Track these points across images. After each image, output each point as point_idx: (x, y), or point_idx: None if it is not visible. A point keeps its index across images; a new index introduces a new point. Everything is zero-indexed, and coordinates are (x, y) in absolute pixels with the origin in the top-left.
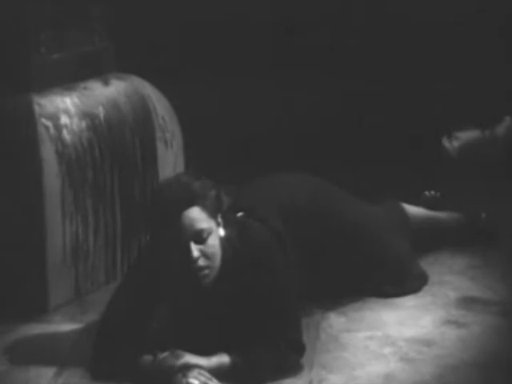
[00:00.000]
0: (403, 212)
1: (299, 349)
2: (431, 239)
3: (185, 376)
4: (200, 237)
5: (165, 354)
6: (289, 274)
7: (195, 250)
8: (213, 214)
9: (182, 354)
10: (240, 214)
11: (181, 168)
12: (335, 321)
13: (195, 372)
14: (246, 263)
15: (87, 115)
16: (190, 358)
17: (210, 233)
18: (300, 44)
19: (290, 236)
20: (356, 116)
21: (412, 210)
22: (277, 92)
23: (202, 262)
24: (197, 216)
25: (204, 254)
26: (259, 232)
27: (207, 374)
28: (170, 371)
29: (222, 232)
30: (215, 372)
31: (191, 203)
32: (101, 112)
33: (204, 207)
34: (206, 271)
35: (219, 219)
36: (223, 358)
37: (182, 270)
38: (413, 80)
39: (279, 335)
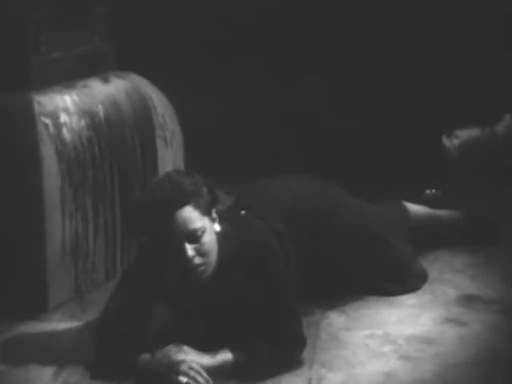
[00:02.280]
0: (404, 210)
1: (301, 343)
2: (432, 237)
3: (176, 373)
4: (194, 236)
5: (169, 347)
6: (288, 270)
7: (190, 249)
8: (206, 211)
9: (186, 349)
10: (241, 212)
11: (181, 167)
12: (335, 319)
13: (185, 366)
14: (245, 259)
15: (87, 113)
16: (194, 356)
17: (204, 231)
18: (300, 43)
19: (291, 235)
20: (357, 115)
21: (413, 208)
22: (278, 91)
23: (197, 261)
24: (190, 215)
25: (199, 253)
26: (259, 229)
27: (197, 368)
28: (166, 369)
29: (217, 227)
30: (219, 369)
31: (183, 203)
32: (100, 110)
33: (197, 205)
34: (202, 267)
35: (214, 215)
36: (227, 355)
37: (177, 269)
38: (413, 79)
39: (280, 331)
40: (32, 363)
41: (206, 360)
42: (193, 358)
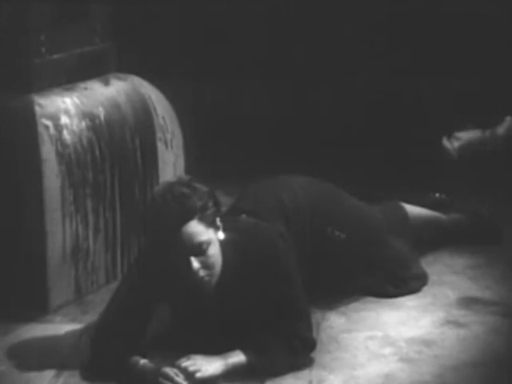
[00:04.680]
0: (403, 212)
1: (310, 346)
2: (433, 239)
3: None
4: (200, 250)
5: (182, 360)
6: (297, 271)
7: (195, 262)
8: (211, 223)
9: (198, 358)
10: (242, 216)
11: (181, 168)
12: (335, 321)
13: (171, 372)
14: (251, 262)
15: (87, 115)
16: (204, 363)
17: (209, 243)
18: (300, 43)
19: (292, 237)
20: (357, 116)
21: (413, 210)
22: (278, 93)
23: (202, 273)
24: (195, 230)
25: (205, 265)
26: (263, 230)
27: (179, 373)
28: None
29: (221, 235)
30: (231, 371)
31: (188, 218)
32: (101, 112)
33: (202, 219)
34: (207, 278)
35: (218, 223)
36: (239, 357)
37: (182, 281)
38: (414, 80)
39: (290, 331)
40: (32, 365)
41: (219, 364)
42: (206, 366)
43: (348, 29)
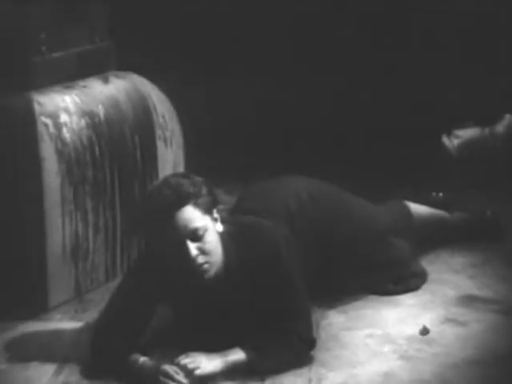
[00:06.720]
0: (406, 210)
1: (310, 344)
2: (435, 237)
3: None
4: (196, 235)
5: (181, 357)
6: (298, 270)
7: (193, 248)
8: (207, 211)
9: (197, 355)
10: (244, 216)
11: (180, 167)
12: (335, 319)
13: (170, 369)
14: (254, 260)
15: (87, 113)
16: (204, 360)
17: (205, 230)
18: (300, 43)
19: (296, 237)
20: (358, 115)
21: (417, 208)
22: (278, 92)
23: (201, 260)
24: (190, 215)
25: (202, 251)
26: (269, 230)
27: (178, 370)
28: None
29: (220, 227)
30: (231, 368)
31: (182, 203)
32: (100, 110)
33: (196, 205)
34: (207, 266)
35: (215, 214)
36: (238, 354)
37: (182, 269)
38: (413, 79)
39: (290, 330)
40: (32, 362)
41: (218, 361)
42: (205, 364)
43: (346, 30)
